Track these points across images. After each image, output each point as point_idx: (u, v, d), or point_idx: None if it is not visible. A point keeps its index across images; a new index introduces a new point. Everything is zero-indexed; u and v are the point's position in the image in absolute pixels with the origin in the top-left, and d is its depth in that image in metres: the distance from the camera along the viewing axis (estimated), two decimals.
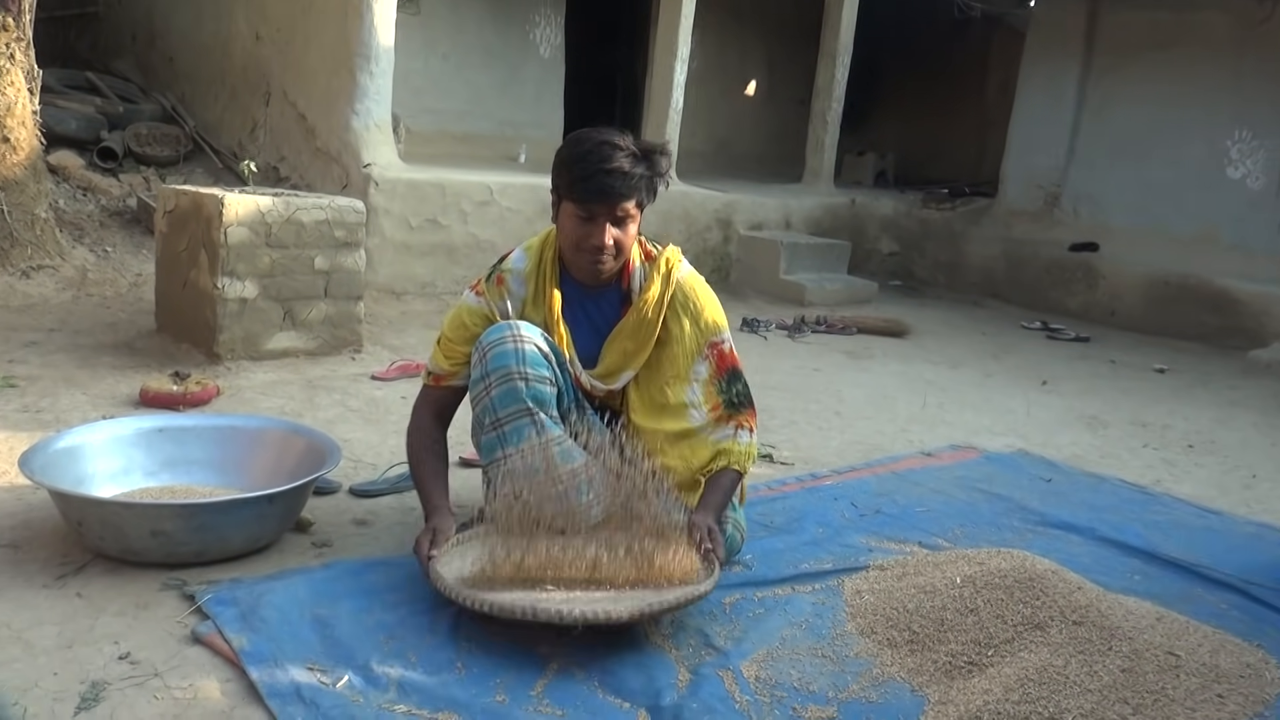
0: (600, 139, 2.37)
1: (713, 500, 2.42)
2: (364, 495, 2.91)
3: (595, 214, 2.36)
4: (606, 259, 2.41)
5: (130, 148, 6.60)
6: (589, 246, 2.39)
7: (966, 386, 5.26)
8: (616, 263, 2.46)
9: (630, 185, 2.34)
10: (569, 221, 2.41)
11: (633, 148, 2.37)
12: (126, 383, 3.79)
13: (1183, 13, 7.68)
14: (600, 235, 2.37)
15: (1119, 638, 2.09)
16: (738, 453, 2.49)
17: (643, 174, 2.37)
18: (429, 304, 5.89)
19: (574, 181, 2.36)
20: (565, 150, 2.42)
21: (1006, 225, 8.80)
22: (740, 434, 2.51)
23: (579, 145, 2.39)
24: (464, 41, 8.37)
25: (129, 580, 2.23)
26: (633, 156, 2.35)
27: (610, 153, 2.33)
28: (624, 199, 2.35)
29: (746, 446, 2.52)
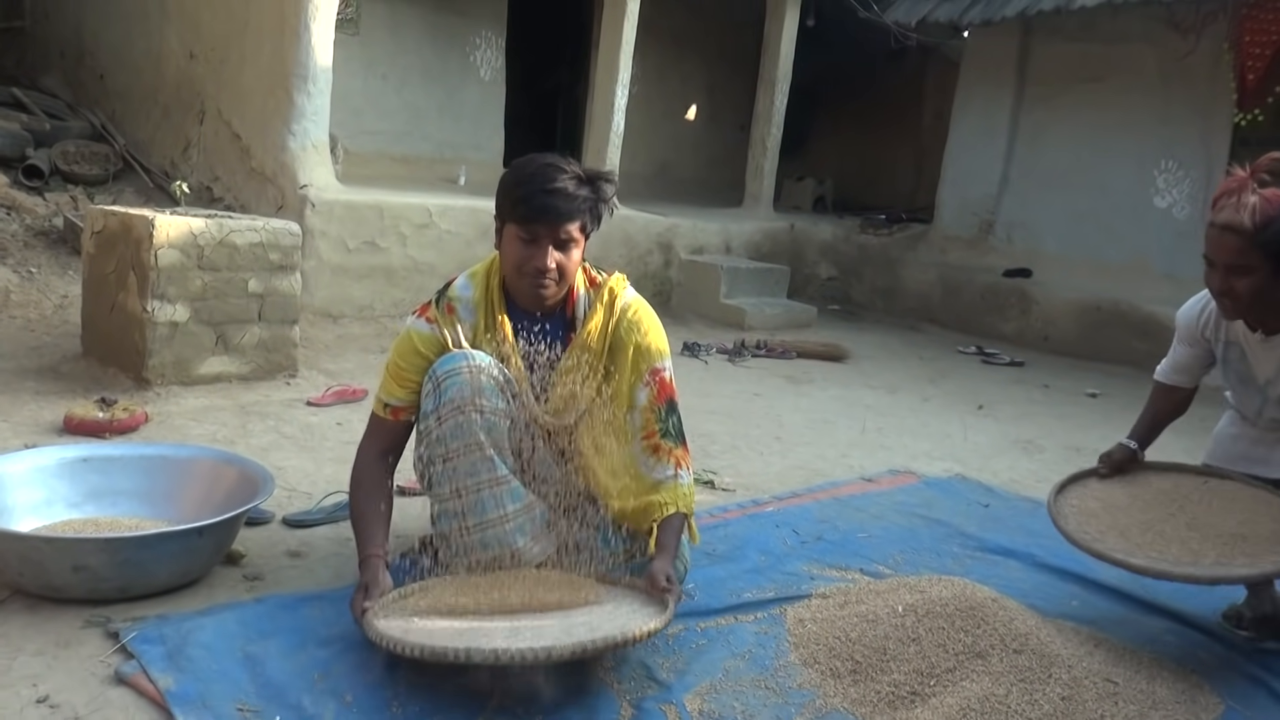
0: (545, 162, 2.36)
1: (670, 545, 2.38)
2: (298, 525, 2.84)
3: (538, 235, 2.33)
4: (549, 283, 2.38)
5: (57, 166, 6.43)
6: (531, 269, 2.35)
7: (905, 411, 5.31)
8: (559, 288, 2.42)
9: (573, 206, 2.32)
10: (511, 244, 2.38)
11: (578, 172, 2.36)
12: (50, 409, 3.67)
13: (1112, 45, 7.89)
14: (542, 258, 2.34)
15: (1059, 665, 2.11)
16: (682, 495, 2.46)
17: (586, 197, 2.35)
18: (367, 327, 5.80)
19: (517, 202, 2.33)
20: (509, 174, 2.41)
21: (942, 251, 8.94)
22: (681, 474, 2.47)
23: (524, 168, 2.37)
24: (404, 62, 8.31)
25: (49, 618, 2.14)
26: (577, 180, 2.34)
27: (554, 174, 2.32)
28: (566, 220, 2.32)
29: (688, 489, 2.48)
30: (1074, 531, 2.57)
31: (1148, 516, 2.58)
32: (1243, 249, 2.35)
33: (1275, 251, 2.34)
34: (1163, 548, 2.45)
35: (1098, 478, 2.80)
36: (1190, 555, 2.41)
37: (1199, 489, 2.64)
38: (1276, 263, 2.35)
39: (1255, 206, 2.34)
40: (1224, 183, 2.43)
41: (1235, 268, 2.37)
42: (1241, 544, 2.41)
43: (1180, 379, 2.80)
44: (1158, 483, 2.71)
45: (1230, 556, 2.38)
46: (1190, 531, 2.49)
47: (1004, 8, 7.87)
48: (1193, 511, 2.56)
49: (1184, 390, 2.81)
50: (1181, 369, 2.79)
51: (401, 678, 2.03)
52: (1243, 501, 2.56)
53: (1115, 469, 2.79)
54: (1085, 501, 2.71)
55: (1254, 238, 2.33)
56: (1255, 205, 2.34)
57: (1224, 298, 2.45)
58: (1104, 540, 2.52)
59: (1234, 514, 2.52)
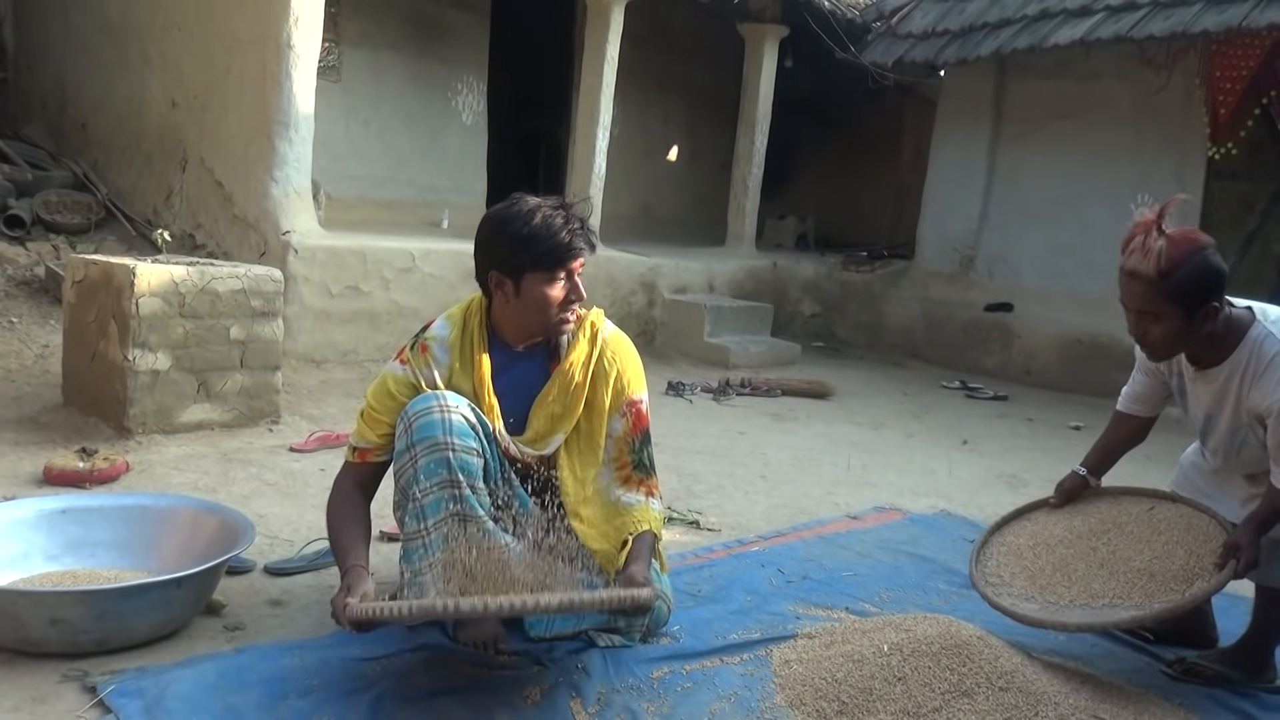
0: (531, 206, 2.42)
1: (643, 555, 2.41)
2: (280, 574, 2.82)
3: (571, 272, 2.44)
4: (572, 316, 2.49)
5: (39, 215, 6.43)
6: (565, 304, 2.45)
7: (889, 447, 5.32)
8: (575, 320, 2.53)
9: (588, 236, 2.45)
10: (540, 290, 2.42)
11: (555, 203, 2.45)
12: (30, 460, 3.64)
13: (1085, 82, 8.00)
14: (578, 289, 2.46)
15: (1045, 703, 2.10)
16: (652, 517, 2.51)
17: (580, 221, 2.46)
18: (350, 372, 5.79)
19: (541, 255, 2.39)
20: (508, 230, 2.41)
21: (924, 287, 9.00)
22: (652, 501, 2.54)
23: (519, 222, 2.40)
24: (386, 108, 8.36)
25: (25, 673, 2.11)
26: (564, 212, 2.43)
27: (554, 216, 2.40)
28: (590, 250, 2.46)
29: (659, 514, 2.55)
30: (976, 576, 2.63)
31: (1068, 552, 2.59)
32: (1150, 295, 2.29)
33: (1184, 297, 2.27)
34: (1065, 589, 2.47)
35: (1048, 508, 2.81)
36: (1086, 596, 2.43)
37: (1138, 518, 2.64)
38: (1187, 307, 2.28)
39: (1161, 251, 2.25)
40: (1132, 226, 2.36)
41: (1145, 314, 2.33)
42: (1146, 582, 2.41)
43: (1137, 408, 2.79)
44: (1102, 511, 2.71)
45: (1126, 596, 2.39)
46: (1100, 570, 2.49)
47: (978, 47, 7.98)
48: (1115, 545, 2.56)
49: (1141, 419, 2.80)
50: (1139, 398, 2.78)
51: None
52: (1173, 532, 2.54)
53: (1066, 498, 2.79)
54: (1018, 538, 2.73)
55: (1158, 285, 2.27)
56: (1161, 250, 2.26)
57: (1141, 343, 2.43)
58: (1011, 584, 2.56)
59: (1154, 547, 2.51)
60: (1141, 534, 2.57)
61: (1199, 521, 2.55)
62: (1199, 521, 2.55)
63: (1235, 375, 2.41)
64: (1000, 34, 7.85)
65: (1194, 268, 2.27)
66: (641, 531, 2.45)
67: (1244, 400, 2.41)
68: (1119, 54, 7.57)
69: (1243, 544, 2.35)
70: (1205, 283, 2.29)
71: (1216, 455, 2.62)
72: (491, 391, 2.47)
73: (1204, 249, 2.30)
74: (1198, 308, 2.30)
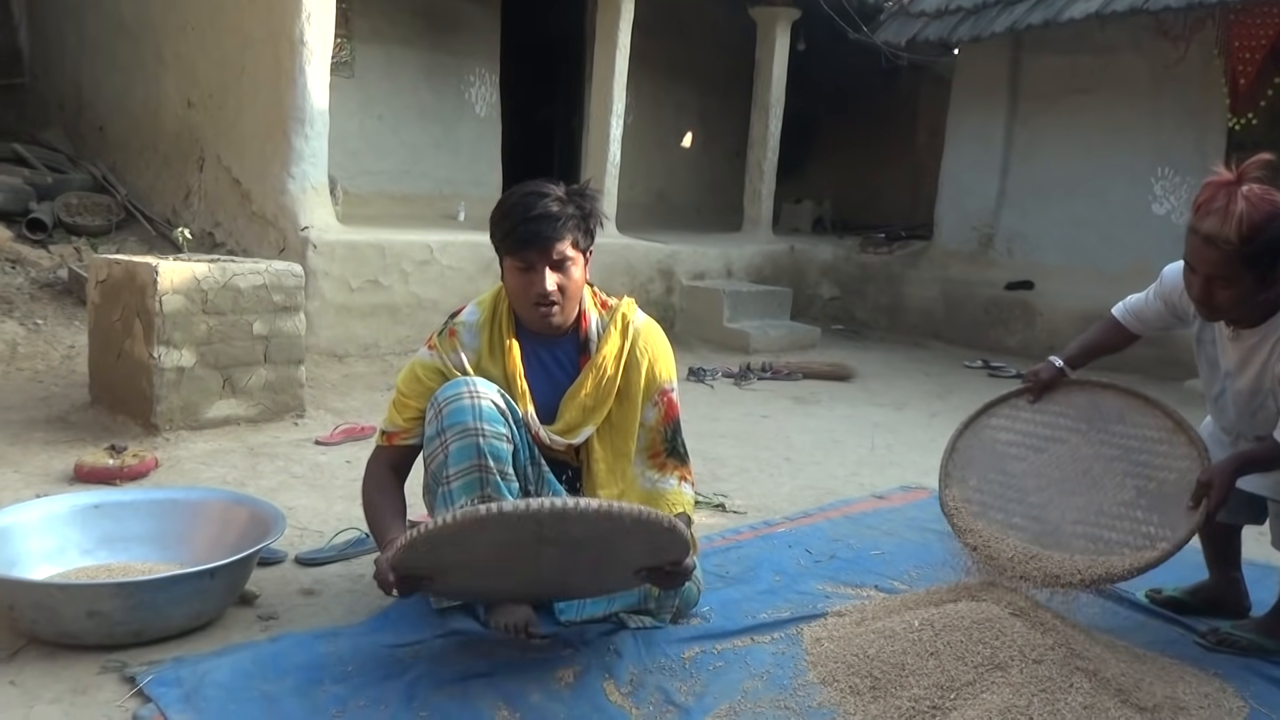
0: (525, 191, 2.39)
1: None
2: (311, 564, 2.84)
3: (532, 262, 2.36)
4: (554, 306, 2.40)
5: (60, 218, 6.48)
6: (533, 296, 2.39)
7: (913, 427, 5.30)
8: (566, 310, 2.45)
9: (558, 227, 2.34)
10: (511, 276, 2.42)
11: (559, 194, 2.39)
12: (61, 458, 3.68)
13: (1102, 56, 7.93)
14: (541, 283, 2.37)
15: (1079, 674, 2.10)
16: (686, 503, 2.52)
17: (571, 214, 2.38)
18: (372, 365, 5.82)
19: (505, 235, 2.38)
20: (496, 208, 2.44)
21: (943, 267, 8.95)
22: (685, 486, 2.54)
23: (506, 200, 2.41)
24: (399, 102, 8.38)
25: (65, 665, 2.14)
26: (559, 200, 2.37)
27: (535, 200, 2.35)
28: (555, 241, 2.35)
29: (690, 499, 2.55)
30: (947, 497, 2.78)
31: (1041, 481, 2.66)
32: (1227, 261, 2.21)
33: (1260, 263, 2.21)
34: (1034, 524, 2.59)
35: (1026, 401, 2.82)
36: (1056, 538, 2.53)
37: (1105, 445, 2.64)
38: (1261, 272, 2.23)
39: (1243, 216, 2.17)
40: (1207, 185, 2.28)
41: (1217, 279, 2.26)
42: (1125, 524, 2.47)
43: (1134, 324, 2.76)
44: (1077, 410, 2.73)
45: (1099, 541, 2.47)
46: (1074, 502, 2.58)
47: (992, 23, 7.92)
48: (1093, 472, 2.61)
49: (1131, 334, 2.78)
50: (1142, 318, 2.74)
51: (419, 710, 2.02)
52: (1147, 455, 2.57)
53: (1042, 390, 2.79)
54: (995, 436, 2.82)
55: (1240, 251, 2.19)
56: (1242, 215, 2.17)
57: (1203, 305, 2.36)
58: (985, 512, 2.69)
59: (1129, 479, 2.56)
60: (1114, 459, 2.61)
61: (1178, 439, 2.55)
62: (1178, 439, 2.55)
63: (1269, 339, 2.37)
64: (1014, 10, 7.78)
65: (1275, 234, 2.20)
66: (677, 512, 2.46)
67: (1271, 365, 2.38)
68: (1135, 26, 7.50)
69: (1214, 481, 2.34)
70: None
71: (1225, 413, 2.59)
72: (523, 377, 2.46)
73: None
74: (1270, 272, 2.24)
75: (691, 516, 2.53)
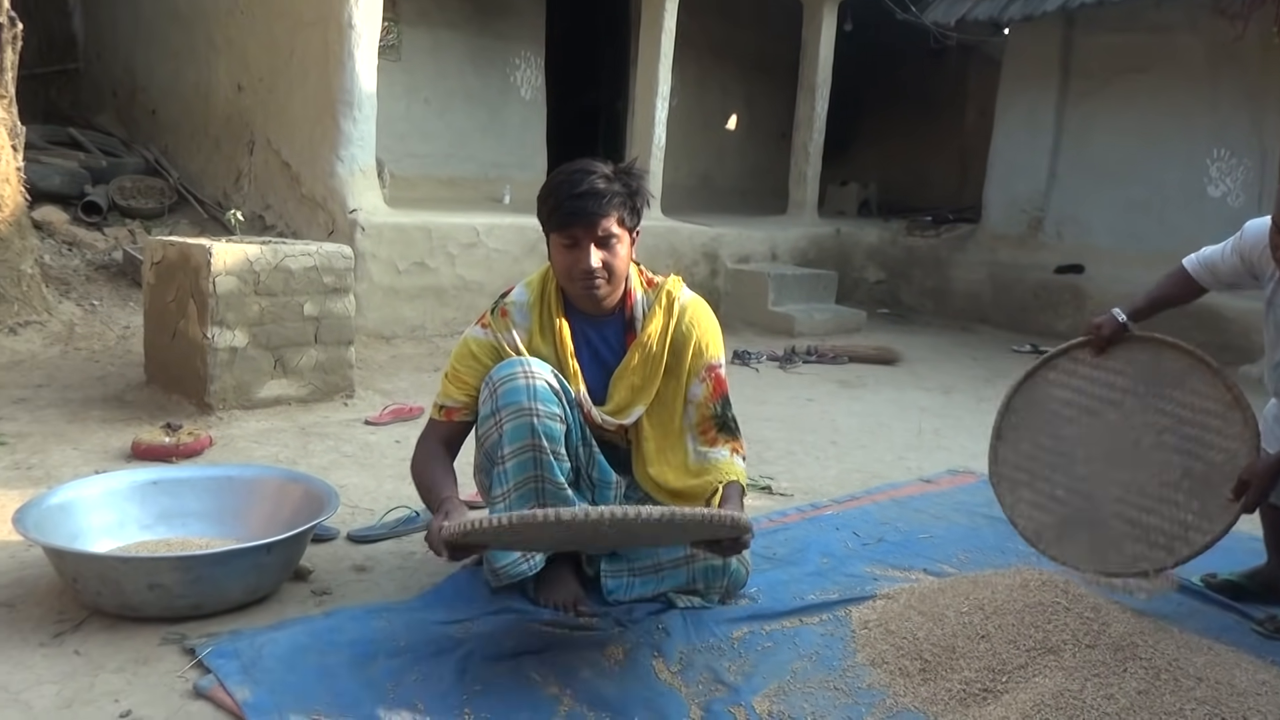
0: (574, 168, 2.40)
1: (735, 499, 2.42)
2: (362, 541, 2.88)
3: (578, 239, 2.37)
4: (599, 283, 2.41)
5: (115, 201, 6.59)
6: (579, 273, 2.39)
7: (961, 412, 5.26)
8: (612, 286, 2.45)
9: (604, 204, 2.34)
10: (556, 253, 2.43)
11: (605, 171, 2.39)
12: (118, 436, 3.75)
13: (1157, 35, 7.77)
14: (586, 259, 2.37)
15: (1133, 659, 2.08)
16: (738, 472, 2.50)
17: (617, 191, 2.37)
18: (419, 347, 5.87)
19: (551, 212, 2.38)
20: (544, 185, 2.45)
21: (991, 250, 8.85)
22: (736, 458, 2.53)
23: (554, 177, 2.42)
24: (446, 86, 8.41)
25: (127, 636, 2.19)
26: (606, 177, 2.37)
27: (582, 178, 2.35)
28: (600, 218, 2.35)
29: (743, 469, 2.54)
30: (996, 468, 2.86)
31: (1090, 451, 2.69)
32: None
33: None
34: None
35: (1089, 354, 2.79)
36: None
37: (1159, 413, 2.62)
38: None
39: None
40: None
41: None
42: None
43: (1206, 278, 2.73)
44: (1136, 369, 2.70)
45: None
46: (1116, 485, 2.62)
47: (1044, 2, 7.79)
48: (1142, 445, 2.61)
49: (1199, 288, 2.75)
50: (1216, 272, 2.70)
51: (471, 685, 2.05)
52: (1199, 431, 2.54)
53: (1104, 344, 2.76)
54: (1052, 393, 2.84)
55: None
56: None
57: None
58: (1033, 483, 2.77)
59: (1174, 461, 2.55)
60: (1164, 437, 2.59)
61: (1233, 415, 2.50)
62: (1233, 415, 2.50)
63: None
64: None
65: None
66: (730, 480, 2.46)
67: None
68: (1191, 4, 7.34)
69: (1253, 483, 2.32)
70: None
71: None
72: (573, 356, 2.48)
73: None
74: None
75: (744, 485, 2.52)
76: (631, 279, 2.53)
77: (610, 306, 2.51)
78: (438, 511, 2.27)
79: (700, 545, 2.27)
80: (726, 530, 2.08)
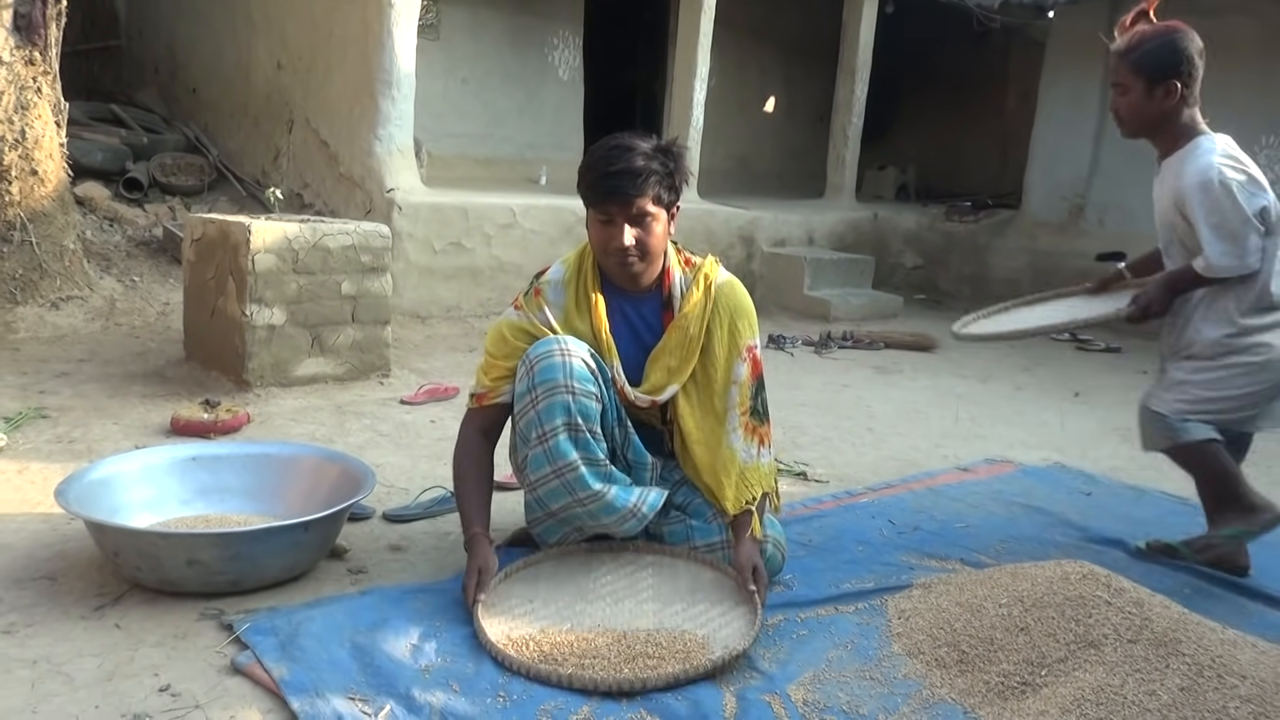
0: (614, 143, 2.38)
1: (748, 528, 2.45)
2: (398, 520, 2.89)
3: (613, 216, 2.36)
4: (633, 260, 2.40)
5: (155, 178, 6.65)
6: (613, 249, 2.39)
7: (998, 400, 5.20)
8: (646, 264, 2.44)
9: (640, 183, 2.32)
10: (593, 228, 2.43)
11: (645, 148, 2.36)
12: (157, 411, 3.79)
13: (1208, 19, 7.53)
14: (620, 236, 2.36)
15: (1176, 655, 2.04)
16: (763, 476, 2.52)
17: (655, 170, 2.35)
18: (454, 327, 5.89)
19: (589, 188, 2.38)
20: (583, 159, 2.45)
21: (1031, 237, 8.74)
22: (763, 454, 2.53)
23: (593, 152, 2.41)
24: (483, 65, 8.40)
25: (166, 610, 2.21)
26: (645, 155, 2.34)
27: (620, 154, 2.34)
28: (635, 197, 2.33)
29: (769, 467, 2.55)
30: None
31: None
32: (1118, 68, 2.71)
33: (1143, 70, 2.65)
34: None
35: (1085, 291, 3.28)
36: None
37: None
38: (1147, 79, 2.66)
39: (1136, 33, 2.69)
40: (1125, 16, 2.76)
41: (1116, 86, 2.74)
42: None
43: None
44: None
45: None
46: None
47: None
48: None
49: None
50: None
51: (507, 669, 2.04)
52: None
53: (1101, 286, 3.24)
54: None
55: (1125, 57, 2.68)
56: (1137, 30, 2.70)
57: (1115, 117, 2.82)
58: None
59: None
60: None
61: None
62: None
63: (1171, 169, 2.77)
64: None
65: (1158, 45, 2.67)
66: (758, 499, 2.48)
67: (1169, 196, 2.76)
68: None
69: (1151, 295, 2.77)
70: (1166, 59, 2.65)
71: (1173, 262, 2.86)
72: (608, 330, 2.47)
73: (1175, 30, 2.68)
74: (1157, 85, 2.68)
75: (771, 489, 2.54)
76: (670, 257, 2.52)
77: (648, 284, 2.50)
78: (468, 551, 2.37)
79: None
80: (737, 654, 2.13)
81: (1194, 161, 2.67)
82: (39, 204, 4.98)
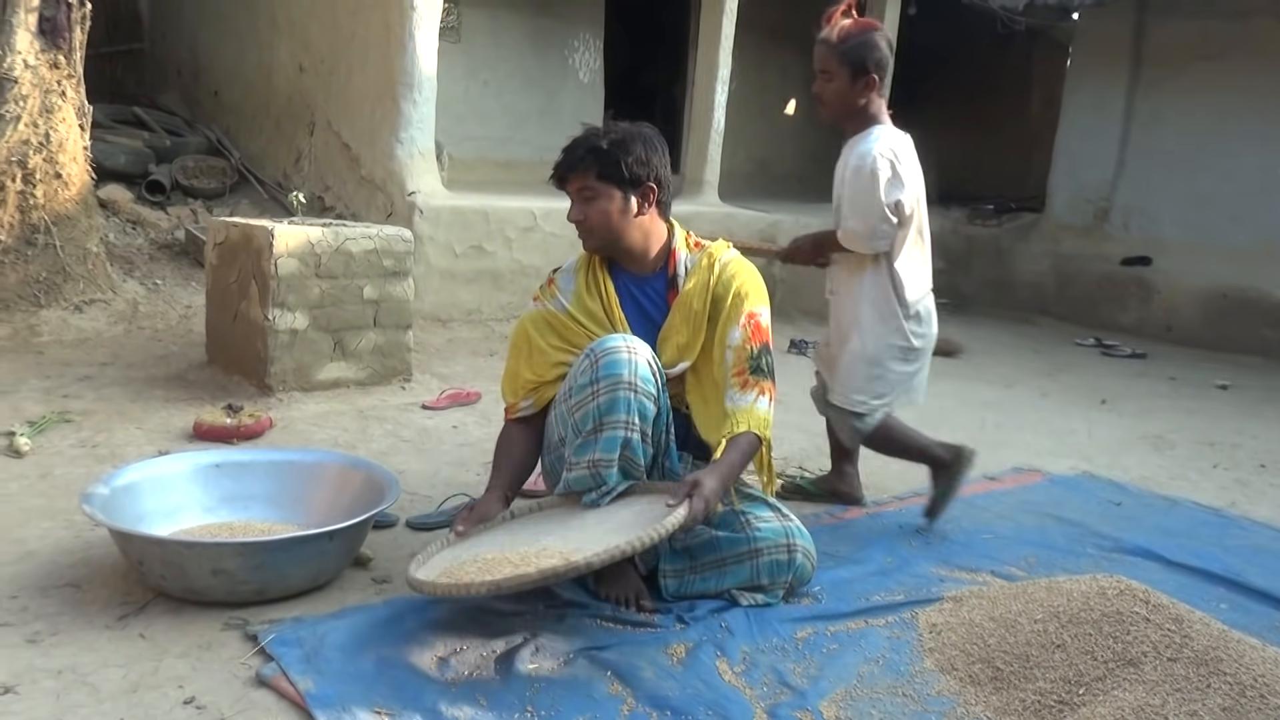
0: (588, 129, 2.52)
1: (729, 460, 2.37)
2: (421, 528, 2.87)
3: (567, 193, 2.52)
4: (584, 235, 2.53)
5: (178, 181, 6.66)
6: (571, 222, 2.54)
7: (1024, 407, 5.15)
8: (594, 239, 2.53)
9: (573, 160, 2.45)
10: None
11: (604, 130, 2.48)
12: (180, 416, 3.78)
13: (1234, 21, 7.53)
14: (572, 211, 2.52)
15: (1217, 674, 1.99)
16: (756, 417, 2.45)
17: (597, 148, 2.44)
18: (475, 331, 5.87)
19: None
20: None
21: (1055, 241, 8.67)
22: (760, 400, 2.47)
23: None
24: (504, 68, 8.39)
25: (191, 620, 2.19)
26: (595, 135, 2.47)
27: (574, 139, 2.49)
28: (568, 172, 2.47)
29: (765, 414, 2.48)
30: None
31: None
32: (826, 57, 2.97)
33: (848, 61, 2.93)
34: None
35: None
36: None
37: None
38: (852, 68, 2.93)
39: (843, 27, 2.96)
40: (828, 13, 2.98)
41: (823, 73, 2.98)
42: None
43: None
44: None
45: None
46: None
47: None
48: None
49: None
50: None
51: (534, 681, 2.02)
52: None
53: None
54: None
55: (834, 48, 2.95)
56: (844, 25, 2.96)
57: (818, 101, 3.04)
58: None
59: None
60: None
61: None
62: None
63: (847, 148, 3.10)
64: None
65: (862, 41, 2.95)
66: (737, 434, 2.41)
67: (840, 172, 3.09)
68: None
69: (802, 245, 3.43)
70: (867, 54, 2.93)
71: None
72: (619, 306, 2.54)
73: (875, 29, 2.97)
74: (860, 75, 2.95)
75: (764, 433, 2.45)
76: (677, 239, 2.61)
77: (651, 265, 2.58)
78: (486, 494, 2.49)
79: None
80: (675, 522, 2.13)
81: (860, 145, 3.01)
82: (63, 207, 4.98)
